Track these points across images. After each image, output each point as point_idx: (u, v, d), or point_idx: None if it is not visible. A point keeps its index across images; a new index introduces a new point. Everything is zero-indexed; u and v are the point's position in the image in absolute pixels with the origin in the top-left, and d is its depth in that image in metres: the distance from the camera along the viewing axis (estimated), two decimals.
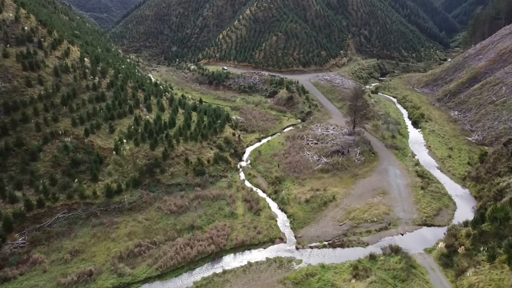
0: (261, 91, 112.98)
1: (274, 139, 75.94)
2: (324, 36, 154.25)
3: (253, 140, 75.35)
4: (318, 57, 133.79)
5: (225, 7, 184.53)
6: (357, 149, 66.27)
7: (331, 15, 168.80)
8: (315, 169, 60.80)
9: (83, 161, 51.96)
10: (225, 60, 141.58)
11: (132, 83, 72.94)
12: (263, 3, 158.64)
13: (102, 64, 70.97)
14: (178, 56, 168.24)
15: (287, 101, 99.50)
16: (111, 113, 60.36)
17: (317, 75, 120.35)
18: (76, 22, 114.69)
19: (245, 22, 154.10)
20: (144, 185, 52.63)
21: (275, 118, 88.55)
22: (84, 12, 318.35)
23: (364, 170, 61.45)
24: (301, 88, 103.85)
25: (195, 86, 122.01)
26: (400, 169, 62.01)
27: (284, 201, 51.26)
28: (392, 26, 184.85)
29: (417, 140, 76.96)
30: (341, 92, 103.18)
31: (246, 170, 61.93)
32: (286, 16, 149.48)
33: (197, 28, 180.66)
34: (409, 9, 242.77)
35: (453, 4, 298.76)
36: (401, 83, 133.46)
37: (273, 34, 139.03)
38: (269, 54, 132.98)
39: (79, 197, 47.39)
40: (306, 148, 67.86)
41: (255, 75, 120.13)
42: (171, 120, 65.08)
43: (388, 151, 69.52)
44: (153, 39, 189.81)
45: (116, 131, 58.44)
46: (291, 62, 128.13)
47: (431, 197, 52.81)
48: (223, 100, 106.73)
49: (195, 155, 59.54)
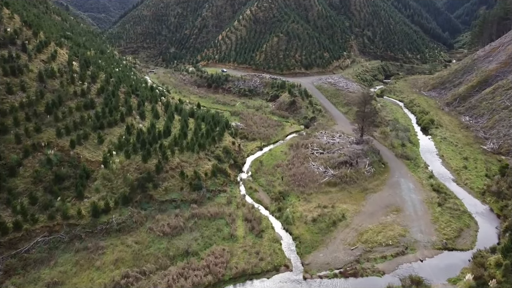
0: (262, 94, 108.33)
1: (277, 148, 71.26)
2: (327, 37, 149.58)
3: (254, 149, 70.65)
4: (321, 59, 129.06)
5: (225, 7, 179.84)
6: (366, 160, 61.60)
7: (334, 16, 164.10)
8: (321, 182, 56.11)
9: (67, 176, 47.22)
10: (224, 61, 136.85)
11: (125, 88, 68.24)
12: (263, 3, 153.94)
13: (92, 68, 66.25)
14: (176, 58, 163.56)
15: (289, 105, 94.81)
16: (100, 122, 55.65)
17: (320, 78, 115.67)
18: (69, 22, 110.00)
19: (245, 23, 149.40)
20: (135, 202, 47.90)
21: (277, 124, 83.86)
22: (82, 12, 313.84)
23: (375, 184, 56.75)
24: (304, 92, 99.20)
25: (193, 89, 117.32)
26: (413, 182, 57.32)
27: (289, 221, 46.55)
28: (396, 26, 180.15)
29: (429, 149, 72.28)
30: (346, 96, 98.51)
31: (247, 183, 57.22)
32: (288, 17, 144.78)
33: (196, 29, 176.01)
34: (412, 9, 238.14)
35: (455, 4, 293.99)
36: (407, 86, 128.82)
37: (274, 35, 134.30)
38: (270, 55, 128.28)
39: (61, 217, 42.66)
40: (311, 158, 63.18)
41: (256, 77, 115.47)
42: (166, 129, 60.37)
43: (399, 161, 64.84)
44: (150, 40, 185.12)
45: (106, 142, 53.70)
46: (293, 64, 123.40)
47: (450, 215, 48.11)
48: (222, 104, 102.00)
49: (191, 168, 54.82)
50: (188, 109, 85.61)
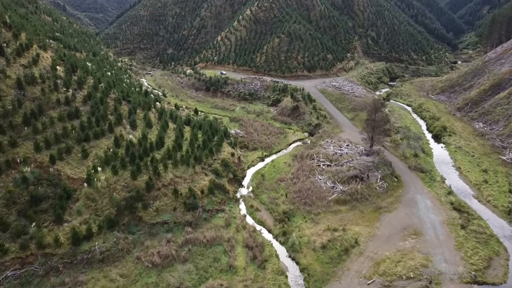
0: (262, 98, 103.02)
1: (279, 159, 65.95)
2: (330, 38, 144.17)
3: (255, 160, 65.35)
4: (324, 61, 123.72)
5: (224, 7, 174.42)
6: (377, 174, 56.28)
7: (337, 16, 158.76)
8: (329, 199, 50.80)
9: (45, 197, 41.95)
10: (223, 63, 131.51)
11: (116, 94, 62.93)
12: (264, 3, 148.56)
13: (79, 73, 60.94)
14: (173, 59, 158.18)
15: (292, 111, 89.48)
16: (85, 133, 50.34)
17: (323, 81, 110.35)
18: (60, 23, 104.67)
19: (245, 23, 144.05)
20: (122, 226, 42.62)
21: (279, 131, 78.52)
22: (79, 12, 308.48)
23: (388, 201, 51.43)
24: (307, 96, 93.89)
25: (191, 93, 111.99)
26: (431, 199, 52.02)
27: (295, 248, 41.27)
28: (400, 27, 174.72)
29: (443, 159, 66.97)
30: (351, 100, 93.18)
31: (248, 201, 51.91)
32: (289, 17, 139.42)
33: (194, 29, 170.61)
34: (416, 9, 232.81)
35: (458, 4, 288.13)
36: (414, 89, 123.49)
37: (275, 36, 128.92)
38: (271, 57, 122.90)
39: (36, 246, 37.38)
40: (318, 171, 57.87)
41: (256, 80, 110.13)
42: (158, 140, 55.06)
43: (413, 175, 59.54)
44: (148, 40, 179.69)
45: (91, 156, 48.40)
46: (295, 66, 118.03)
47: (476, 240, 42.82)
48: (221, 109, 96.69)
49: (186, 184, 49.51)
50: (184, 115, 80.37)
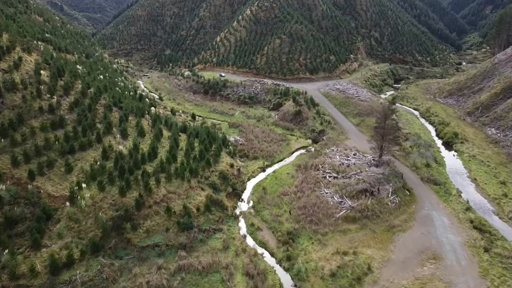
0: (263, 102, 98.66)
1: (282, 169, 61.56)
2: (332, 38, 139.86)
3: (256, 170, 60.96)
4: (327, 62, 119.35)
5: (223, 7, 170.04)
6: (388, 187, 51.90)
7: (339, 16, 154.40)
8: (338, 216, 46.43)
9: (22, 218, 37.58)
10: (222, 65, 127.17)
11: (106, 100, 58.57)
12: (264, 3, 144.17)
13: (66, 77, 56.54)
14: (171, 60, 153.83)
15: (294, 116, 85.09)
16: (70, 145, 45.95)
17: (327, 84, 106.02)
18: (52, 23, 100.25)
19: (245, 23, 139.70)
20: (108, 250, 38.22)
21: (282, 138, 74.14)
22: (77, 12, 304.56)
23: (402, 219, 47.04)
24: (310, 100, 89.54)
25: (188, 96, 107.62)
26: (448, 216, 47.65)
27: (301, 276, 36.87)
28: (404, 27, 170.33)
29: (457, 170, 62.62)
30: (357, 105, 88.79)
31: (248, 218, 47.53)
32: (290, 17, 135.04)
33: (193, 30, 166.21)
34: (419, 9, 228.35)
35: (460, 4, 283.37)
36: (419, 92, 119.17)
37: (276, 37, 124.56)
38: (272, 59, 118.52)
39: (8, 277, 32.98)
40: (323, 184, 53.50)
41: (257, 83, 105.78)
42: (151, 150, 50.67)
43: (426, 187, 55.17)
44: (145, 41, 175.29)
45: (75, 170, 44.03)
46: (297, 68, 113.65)
47: (502, 265, 38.50)
48: (220, 114, 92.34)
49: (180, 201, 45.13)
50: (181, 121, 76.06)
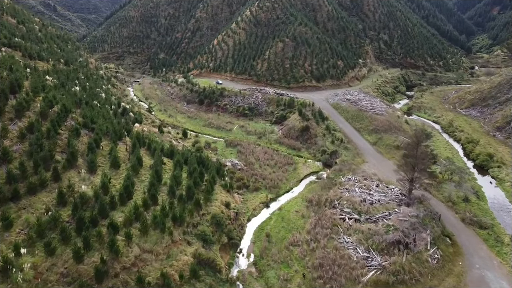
0: (265, 114, 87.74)
1: (289, 204, 50.56)
2: (339, 42, 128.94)
3: (258, 207, 49.99)
4: (335, 68, 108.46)
5: (221, 7, 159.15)
6: (425, 235, 40.92)
7: (345, 17, 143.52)
8: (364, 281, 35.47)
9: None
10: (220, 71, 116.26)
11: (75, 120, 47.56)
12: (265, 3, 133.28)
13: (21, 94, 45.48)
14: (165, 65, 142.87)
15: (301, 132, 74.14)
16: (14, 188, 34.91)
17: (335, 93, 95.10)
18: (28, 26, 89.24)
19: (244, 25, 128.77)
20: None
21: (287, 161, 63.14)
22: (70, 13, 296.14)
23: (449, 283, 36.03)
24: (318, 113, 78.64)
25: (181, 107, 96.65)
26: (507, 278, 36.69)
27: None
28: (414, 29, 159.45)
29: (501, 204, 51.74)
30: (372, 119, 77.77)
31: (248, 283, 36.47)
32: (294, 18, 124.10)
33: (189, 32, 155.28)
34: (426, 9, 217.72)
35: (466, 4, 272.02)
36: (436, 101, 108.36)
37: (278, 40, 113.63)
38: (274, 65, 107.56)
39: None
40: (342, 229, 42.56)
41: (257, 92, 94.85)
42: (125, 189, 39.67)
43: (470, 232, 44.27)
44: (138, 44, 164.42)
45: (17, 225, 33.01)
46: (302, 75, 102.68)
47: None
48: (215, 129, 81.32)
49: (157, 263, 34.14)
50: (169, 140, 65.12)
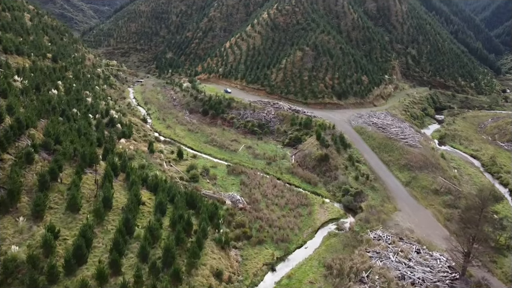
0: (277, 134, 76.03)
1: (302, 270, 38.57)
2: (363, 54, 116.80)
3: (260, 270, 38.07)
4: (358, 84, 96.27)
5: (237, 7, 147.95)
6: None
7: (371, 27, 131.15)
8: None
9: None
10: (229, 77, 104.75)
11: (31, 139, 36.22)
12: (285, 6, 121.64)
13: None
14: (172, 66, 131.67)
15: (319, 162, 62.05)
16: None
17: (359, 114, 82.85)
18: (14, 14, 78.64)
19: (260, 29, 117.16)
20: None
21: (301, 201, 51.06)
22: (84, 3, 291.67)
23: None
24: (339, 139, 66.70)
25: (182, 116, 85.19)
26: None
27: None
28: (444, 45, 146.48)
29: None
30: (403, 151, 65.39)
31: None
32: (316, 25, 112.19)
33: (200, 32, 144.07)
34: (455, 25, 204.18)
35: (493, 22, 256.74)
36: (471, 129, 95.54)
37: (297, 48, 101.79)
38: (290, 76, 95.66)
39: None
40: None
41: (270, 106, 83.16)
42: (75, 251, 28.12)
43: None
44: (145, 40, 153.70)
45: None
46: (321, 90, 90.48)
47: None
48: (218, 148, 69.56)
49: None
50: (157, 163, 53.61)
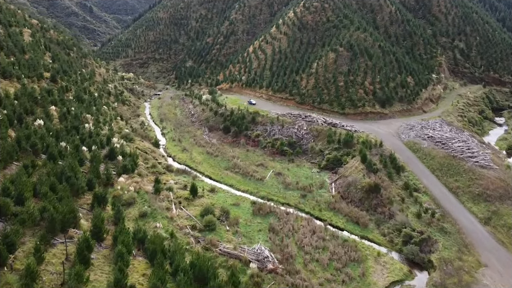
0: (311, 153, 64.12)
1: None
2: (405, 51, 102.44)
3: None
4: (404, 88, 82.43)
5: (260, 8, 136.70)
6: None
7: (412, 20, 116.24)
8: None
9: None
10: (254, 86, 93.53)
11: None
12: (313, 2, 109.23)
13: None
14: (192, 75, 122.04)
15: (367, 193, 49.36)
16: None
17: (409, 124, 69.35)
18: (10, 31, 70.77)
19: (286, 29, 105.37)
20: None
21: (349, 254, 38.59)
22: (107, 14, 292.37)
23: None
24: (390, 160, 53.94)
25: (201, 135, 74.76)
26: None
27: None
28: (495, 35, 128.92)
29: None
30: (474, 175, 51.52)
31: None
32: (349, 21, 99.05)
33: (221, 36, 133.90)
34: (502, 11, 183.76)
35: None
36: None
37: (329, 49, 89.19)
38: (323, 82, 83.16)
39: None
40: None
41: (301, 120, 71.29)
42: None
43: None
44: (164, 49, 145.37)
45: None
46: (361, 98, 77.41)
47: None
48: (241, 176, 58.08)
49: None
50: (163, 208, 43.02)
